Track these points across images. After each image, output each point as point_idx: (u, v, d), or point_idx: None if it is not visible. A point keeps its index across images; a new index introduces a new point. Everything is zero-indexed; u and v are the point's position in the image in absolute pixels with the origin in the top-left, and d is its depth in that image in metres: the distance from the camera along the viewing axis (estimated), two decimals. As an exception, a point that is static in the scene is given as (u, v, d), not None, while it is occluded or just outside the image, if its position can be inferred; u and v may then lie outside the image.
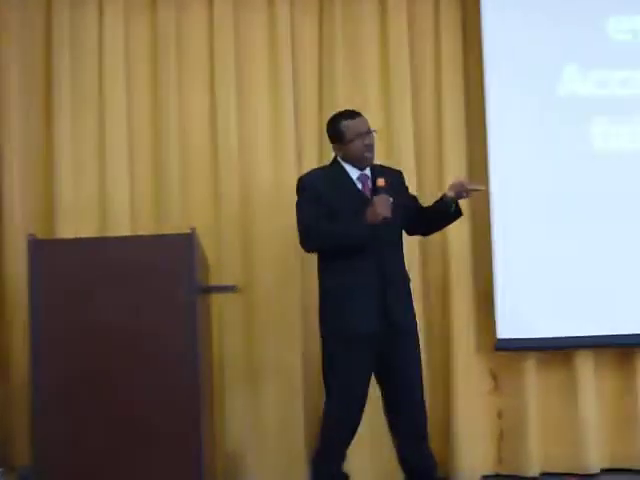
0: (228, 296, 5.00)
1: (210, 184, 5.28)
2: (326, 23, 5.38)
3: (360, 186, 4.34)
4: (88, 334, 3.47)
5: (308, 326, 5.19)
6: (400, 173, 4.56)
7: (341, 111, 4.48)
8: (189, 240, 3.59)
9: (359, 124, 4.34)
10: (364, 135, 4.32)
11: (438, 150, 5.32)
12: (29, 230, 4.43)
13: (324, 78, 5.37)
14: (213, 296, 4.67)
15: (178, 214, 5.20)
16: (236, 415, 5.13)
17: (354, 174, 4.35)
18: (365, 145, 4.31)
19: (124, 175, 5.22)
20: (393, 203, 4.15)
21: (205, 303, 4.04)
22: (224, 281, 4.99)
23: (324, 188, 4.30)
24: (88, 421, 3.46)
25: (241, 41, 5.36)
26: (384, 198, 4.14)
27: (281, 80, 5.31)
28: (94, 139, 5.27)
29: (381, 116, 5.26)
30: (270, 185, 5.28)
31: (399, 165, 4.86)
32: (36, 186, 5.21)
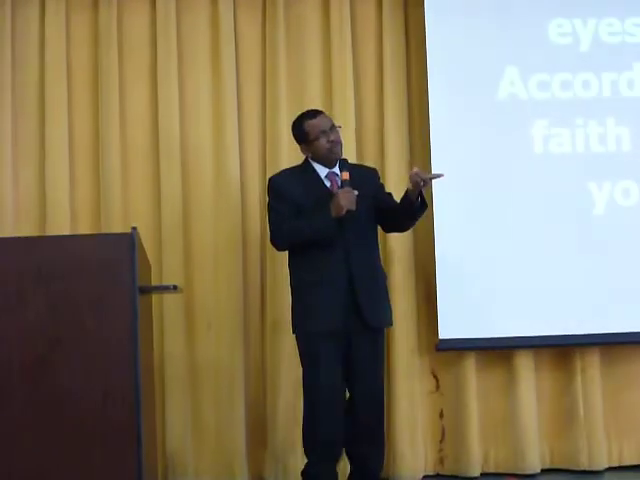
0: (169, 296, 5.00)
1: (151, 184, 5.27)
2: (269, 23, 5.37)
3: (328, 184, 4.40)
4: (24, 335, 3.42)
5: (249, 325, 5.22)
6: (374, 171, 4.65)
7: (303, 112, 4.57)
8: (130, 240, 3.55)
9: (321, 122, 4.43)
10: (328, 132, 4.39)
11: (380, 150, 5.33)
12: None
13: (267, 78, 5.35)
14: (154, 296, 4.64)
15: (119, 214, 5.17)
16: (177, 415, 5.12)
17: (322, 172, 4.42)
18: (329, 141, 4.39)
19: (64, 175, 5.19)
20: (358, 196, 4.19)
21: (146, 303, 4.01)
22: (165, 281, 5.00)
23: (293, 188, 4.38)
24: (22, 422, 3.41)
25: (184, 41, 5.35)
26: (348, 191, 4.20)
27: (224, 80, 5.30)
28: (34, 139, 5.25)
29: (324, 116, 5.29)
30: (212, 185, 5.27)
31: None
32: (-25, 186, 5.15)
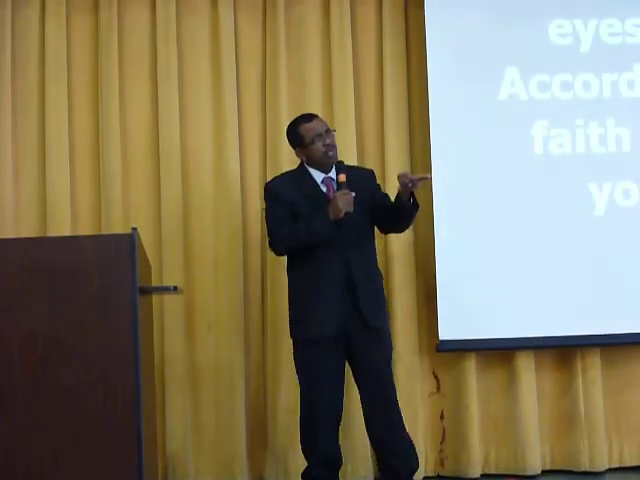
0: (169, 297, 5.01)
1: (152, 185, 5.27)
2: (269, 24, 5.38)
3: (324, 189, 4.39)
4: (24, 335, 3.43)
5: (249, 326, 5.24)
6: (371, 172, 4.63)
7: (298, 116, 4.54)
8: (130, 240, 3.55)
9: (316, 126, 4.40)
10: (323, 136, 4.37)
11: (381, 151, 5.34)
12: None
13: (267, 79, 5.36)
14: (154, 296, 4.64)
15: (119, 215, 5.18)
16: (177, 415, 5.12)
17: (318, 177, 4.41)
18: (325, 145, 4.37)
19: (65, 176, 5.19)
20: (355, 198, 4.19)
21: (146, 304, 4.01)
22: (165, 282, 5.00)
23: (289, 192, 4.36)
24: (22, 422, 3.41)
25: (184, 42, 5.35)
26: (345, 193, 4.19)
27: (224, 82, 5.30)
28: (34, 140, 5.25)
29: (324, 118, 5.23)
30: (212, 186, 5.27)
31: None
32: (-25, 187, 5.15)
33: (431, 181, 4.90)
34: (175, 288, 3.96)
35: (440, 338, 5.18)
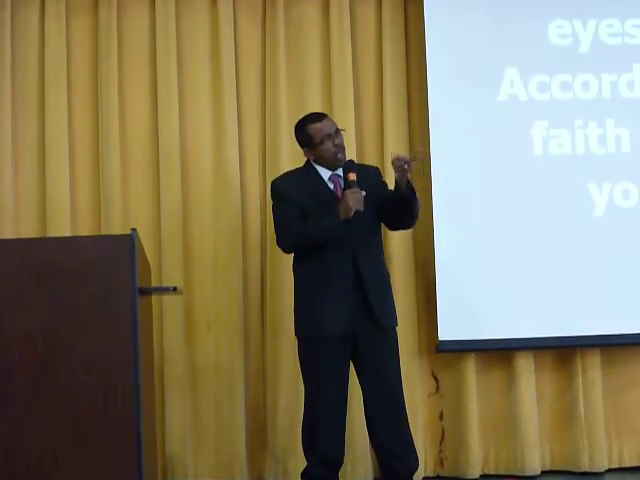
0: (168, 297, 5.01)
1: (151, 185, 5.27)
2: (269, 23, 5.38)
3: (332, 186, 4.38)
4: (24, 335, 3.43)
5: (249, 326, 5.24)
6: (376, 169, 4.63)
7: (306, 115, 4.53)
8: (129, 241, 3.55)
9: (326, 126, 4.39)
10: (332, 136, 4.36)
11: (380, 151, 5.33)
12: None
13: (267, 79, 5.36)
14: (153, 297, 4.64)
15: (119, 215, 5.18)
16: (177, 416, 5.12)
17: (325, 175, 4.40)
18: (335, 145, 4.36)
19: (64, 176, 5.19)
20: (365, 197, 4.19)
21: (146, 304, 4.01)
22: (165, 282, 5.00)
23: (296, 190, 4.35)
24: (22, 422, 3.41)
25: (183, 42, 5.35)
26: (355, 191, 4.18)
27: (223, 82, 5.30)
28: (34, 140, 5.25)
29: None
30: (212, 186, 5.27)
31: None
32: (-26, 187, 5.15)
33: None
34: (175, 289, 3.96)
35: (440, 338, 5.18)
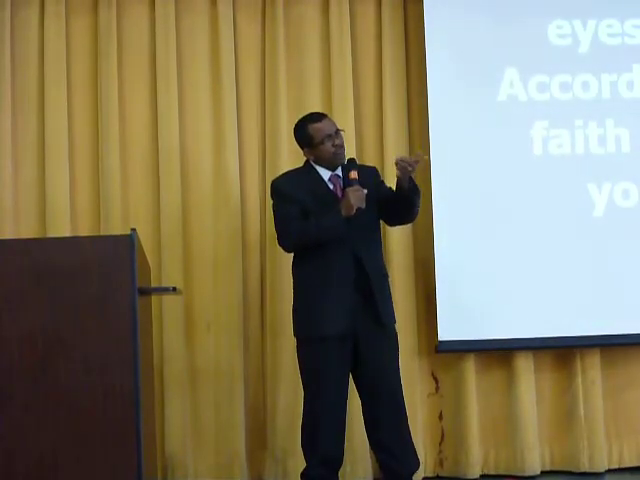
0: (168, 297, 5.01)
1: (151, 185, 5.27)
2: (269, 23, 5.37)
3: (332, 187, 4.38)
4: (24, 335, 3.43)
5: (248, 327, 5.23)
6: (374, 169, 4.63)
7: (306, 115, 4.53)
8: (129, 241, 3.56)
9: (326, 126, 4.39)
10: (333, 136, 4.36)
11: (380, 151, 5.33)
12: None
13: (267, 78, 5.35)
14: (153, 297, 4.64)
15: (119, 216, 5.17)
16: (176, 416, 5.11)
17: (325, 175, 4.40)
18: (334, 146, 4.36)
19: (64, 176, 5.19)
20: (366, 195, 4.19)
21: (145, 304, 4.01)
22: (164, 283, 5.00)
23: (296, 190, 4.35)
24: (22, 422, 3.42)
25: (183, 43, 5.34)
26: (357, 189, 4.19)
27: (223, 82, 5.29)
28: (34, 141, 5.25)
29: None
30: (211, 186, 5.26)
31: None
32: (-26, 187, 5.15)
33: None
34: (174, 289, 3.97)
35: (439, 339, 5.18)
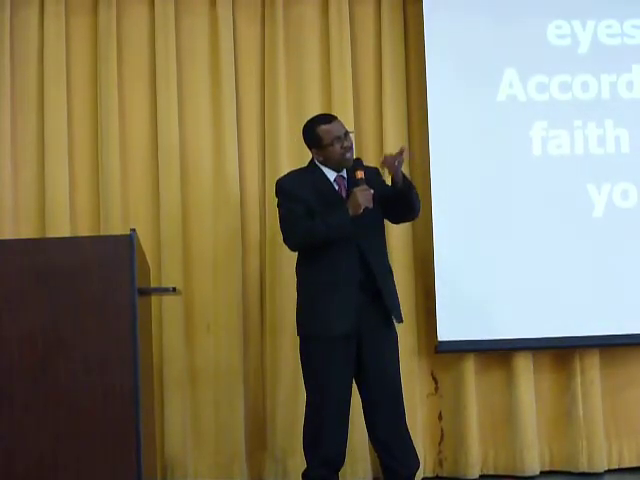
0: (168, 298, 5.01)
1: (151, 186, 5.27)
2: (268, 24, 5.37)
3: (337, 187, 4.38)
4: (24, 336, 3.43)
5: (248, 327, 5.23)
6: (376, 169, 4.60)
7: (316, 116, 4.53)
8: (129, 241, 3.56)
9: (335, 128, 4.38)
10: (342, 138, 4.36)
11: (379, 151, 5.28)
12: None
13: (266, 79, 5.36)
14: (153, 297, 4.64)
15: (118, 216, 5.17)
16: (176, 416, 5.12)
17: (331, 176, 4.40)
18: (343, 148, 4.35)
19: (64, 176, 5.19)
20: (373, 195, 4.20)
21: (145, 304, 4.01)
22: (164, 283, 5.00)
23: (301, 189, 4.35)
24: (22, 422, 3.42)
25: (183, 43, 5.35)
26: (364, 189, 4.20)
27: (223, 82, 5.30)
28: (33, 141, 5.25)
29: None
30: (211, 186, 5.27)
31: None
32: (-26, 187, 5.15)
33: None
34: (174, 289, 3.96)
35: (439, 339, 5.18)
